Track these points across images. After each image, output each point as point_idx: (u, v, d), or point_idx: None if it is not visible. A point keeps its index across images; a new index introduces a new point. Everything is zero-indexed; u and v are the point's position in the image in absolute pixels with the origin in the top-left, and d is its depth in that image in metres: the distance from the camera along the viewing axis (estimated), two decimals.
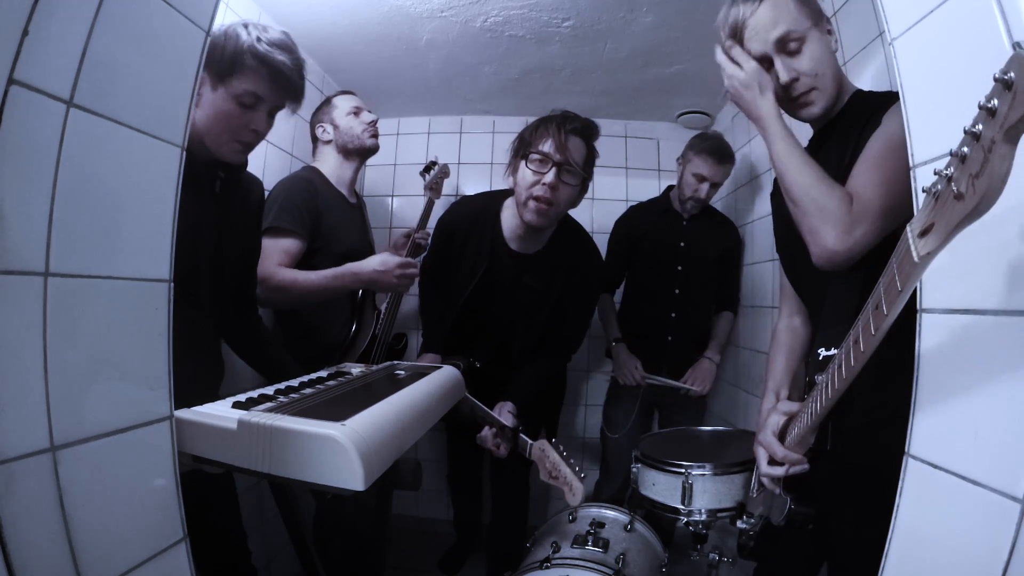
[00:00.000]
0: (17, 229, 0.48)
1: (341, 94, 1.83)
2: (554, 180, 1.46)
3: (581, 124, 1.51)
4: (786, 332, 1.14)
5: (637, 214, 2.16)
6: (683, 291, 2.03)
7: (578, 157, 1.49)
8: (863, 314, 0.57)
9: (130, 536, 0.60)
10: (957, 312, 0.55)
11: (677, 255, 2.03)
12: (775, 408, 0.94)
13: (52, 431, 0.51)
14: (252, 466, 0.73)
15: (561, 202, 1.51)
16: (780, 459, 0.87)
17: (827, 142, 0.97)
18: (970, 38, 0.53)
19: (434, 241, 1.75)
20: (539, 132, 1.50)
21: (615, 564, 1.24)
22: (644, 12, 1.67)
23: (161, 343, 0.64)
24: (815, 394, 0.74)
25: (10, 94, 0.47)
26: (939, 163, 0.58)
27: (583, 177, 1.53)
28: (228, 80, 1.02)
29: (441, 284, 1.74)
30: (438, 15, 1.74)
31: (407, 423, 0.88)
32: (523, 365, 1.67)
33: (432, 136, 2.56)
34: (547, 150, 1.47)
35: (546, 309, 1.64)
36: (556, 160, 1.46)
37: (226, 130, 1.04)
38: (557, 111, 1.54)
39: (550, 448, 1.30)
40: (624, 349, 2.03)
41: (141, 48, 0.60)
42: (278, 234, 1.50)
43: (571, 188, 1.51)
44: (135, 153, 0.61)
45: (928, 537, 0.57)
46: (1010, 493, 0.47)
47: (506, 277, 1.63)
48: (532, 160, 1.49)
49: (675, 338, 2.04)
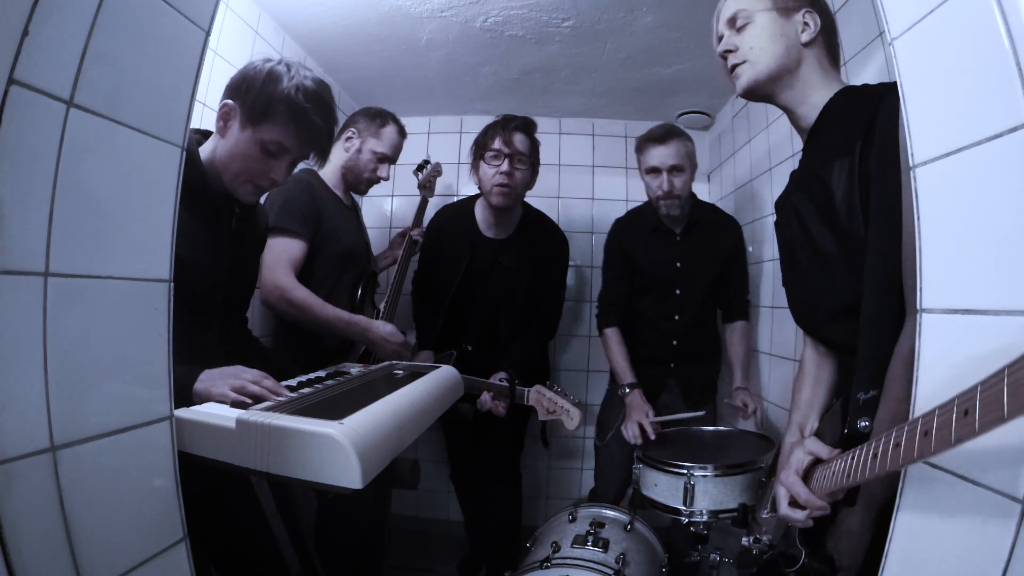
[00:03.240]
0: (17, 229, 0.48)
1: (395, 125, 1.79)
2: (508, 168, 1.77)
3: (521, 121, 1.82)
4: (812, 362, 1.04)
5: (625, 233, 1.94)
6: (683, 316, 1.85)
7: (523, 148, 1.80)
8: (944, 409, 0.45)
9: (130, 536, 0.60)
10: (957, 312, 0.55)
11: (673, 277, 1.84)
12: (801, 444, 0.83)
13: (52, 431, 0.51)
14: (251, 465, 0.74)
15: (519, 184, 1.80)
16: (803, 503, 0.78)
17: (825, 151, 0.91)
18: (970, 38, 0.53)
19: (423, 246, 1.96)
20: (489, 135, 1.81)
21: (615, 564, 1.24)
22: (644, 12, 1.67)
23: (161, 343, 0.64)
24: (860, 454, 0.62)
25: (10, 94, 0.47)
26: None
27: (531, 162, 1.83)
28: (259, 124, 1.01)
29: (432, 283, 1.96)
30: (438, 15, 1.74)
31: (405, 422, 0.88)
32: (509, 342, 1.89)
33: (432, 136, 2.56)
34: (498, 146, 1.78)
35: (523, 285, 1.89)
36: (506, 152, 1.77)
37: (245, 171, 1.04)
38: (499, 116, 1.85)
39: (544, 388, 1.51)
40: (639, 396, 1.73)
41: (141, 48, 0.60)
42: (283, 234, 1.50)
43: (523, 172, 1.81)
44: (135, 153, 0.61)
45: (928, 537, 0.57)
46: (1010, 493, 0.47)
47: (485, 262, 1.89)
48: (488, 158, 1.80)
49: (678, 366, 1.87)
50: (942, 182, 0.58)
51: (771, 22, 0.94)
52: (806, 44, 0.94)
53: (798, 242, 0.98)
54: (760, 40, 0.94)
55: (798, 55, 0.94)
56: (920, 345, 0.59)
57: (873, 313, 0.80)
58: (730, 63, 0.98)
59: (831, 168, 0.88)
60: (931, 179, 0.59)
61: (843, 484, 0.67)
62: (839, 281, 0.88)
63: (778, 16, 0.94)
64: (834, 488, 0.71)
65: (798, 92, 0.95)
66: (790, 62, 0.94)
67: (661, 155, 1.74)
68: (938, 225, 0.59)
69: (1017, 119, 0.48)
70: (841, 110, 0.90)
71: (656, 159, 1.75)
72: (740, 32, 0.96)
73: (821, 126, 0.93)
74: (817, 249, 0.92)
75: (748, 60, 0.95)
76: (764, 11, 0.94)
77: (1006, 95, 0.49)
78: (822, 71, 0.95)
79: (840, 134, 0.88)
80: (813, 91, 0.94)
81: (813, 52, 0.94)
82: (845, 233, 0.86)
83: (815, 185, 0.92)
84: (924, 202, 0.60)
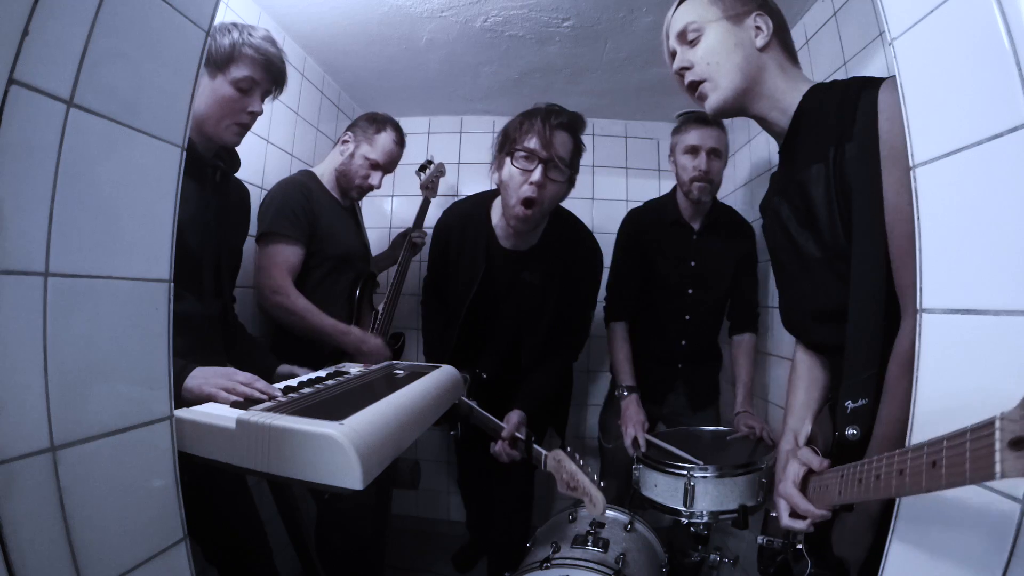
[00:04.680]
0: (17, 229, 0.48)
1: (391, 131, 1.75)
2: (541, 178, 1.40)
3: (568, 118, 1.44)
4: (804, 364, 1.02)
5: (642, 225, 1.83)
6: (694, 316, 1.77)
7: (564, 152, 1.43)
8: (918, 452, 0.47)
9: (130, 536, 0.60)
10: (957, 312, 0.55)
11: (687, 276, 1.76)
12: (795, 454, 0.84)
13: (52, 431, 0.51)
14: (251, 465, 0.73)
15: (547, 199, 1.45)
16: (803, 513, 0.79)
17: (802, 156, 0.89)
18: (970, 38, 0.53)
19: (432, 252, 1.70)
20: (524, 128, 1.42)
21: (615, 564, 1.24)
22: (644, 12, 1.67)
23: (161, 343, 0.64)
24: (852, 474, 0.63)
25: (10, 94, 0.47)
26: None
27: (570, 174, 1.47)
28: (226, 69, 1.14)
29: (443, 293, 1.70)
30: (438, 15, 1.74)
31: (405, 422, 0.88)
32: (531, 368, 1.61)
33: (432, 136, 2.56)
34: (533, 146, 1.40)
35: (549, 304, 1.58)
36: (543, 157, 1.39)
37: (228, 114, 1.15)
38: (542, 105, 1.46)
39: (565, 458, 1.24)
40: (635, 401, 1.67)
41: (141, 48, 0.60)
42: (279, 240, 1.50)
43: (558, 184, 1.45)
44: (135, 153, 0.61)
45: (928, 537, 0.57)
46: (1010, 493, 0.47)
47: (504, 277, 1.57)
48: (518, 157, 1.42)
49: (685, 366, 1.80)
50: (942, 182, 0.58)
51: (724, 32, 0.91)
52: (762, 49, 0.91)
53: (781, 246, 0.97)
54: (716, 54, 0.90)
55: (757, 62, 0.91)
56: (920, 345, 0.60)
57: (860, 322, 0.79)
58: (688, 80, 0.94)
59: (808, 174, 0.86)
60: (931, 179, 0.59)
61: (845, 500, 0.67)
62: (824, 284, 0.87)
63: (730, 25, 0.91)
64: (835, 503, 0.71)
65: (767, 100, 0.92)
66: (751, 71, 0.90)
67: (703, 135, 1.67)
68: (938, 225, 0.59)
69: (1017, 119, 0.48)
70: (814, 111, 0.88)
71: (697, 138, 1.67)
72: (693, 46, 0.93)
73: (796, 130, 0.91)
74: (800, 252, 0.91)
75: (708, 78, 0.92)
76: (714, 22, 0.91)
77: (1006, 95, 0.49)
78: (784, 73, 0.92)
79: (815, 137, 0.86)
80: (781, 95, 0.91)
81: (771, 55, 0.91)
82: (826, 237, 0.85)
83: (793, 190, 0.90)
84: (924, 202, 0.60)
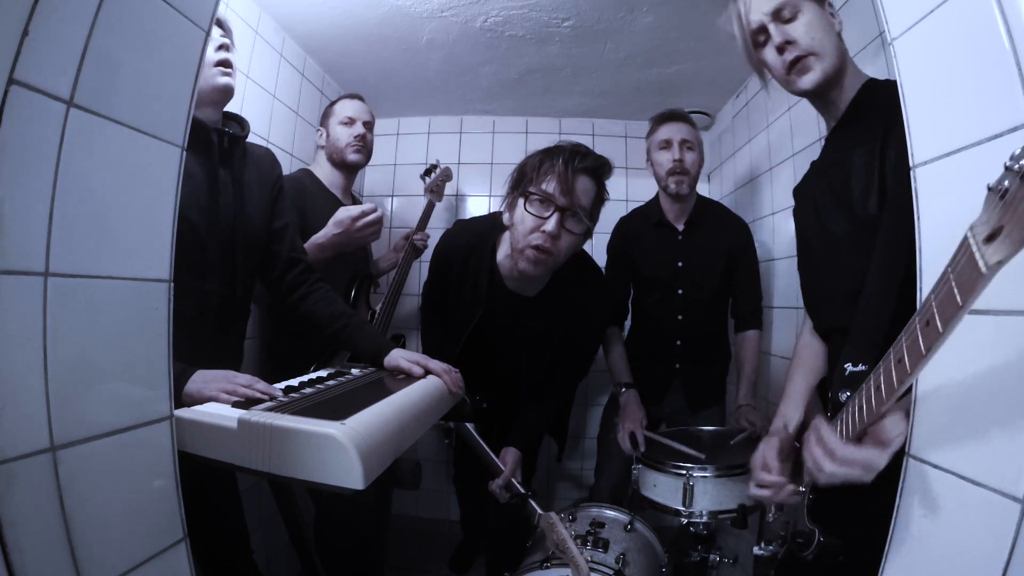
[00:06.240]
0: (17, 229, 0.48)
1: (345, 98, 1.80)
2: (555, 228, 1.25)
3: (593, 162, 1.29)
4: (809, 348, 1.02)
5: (628, 231, 1.88)
6: (687, 315, 1.78)
7: (586, 201, 1.28)
8: (908, 330, 0.50)
9: (130, 536, 0.60)
10: None
11: (675, 277, 1.77)
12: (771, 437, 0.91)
13: (52, 431, 0.51)
14: (252, 465, 0.73)
15: (561, 252, 1.31)
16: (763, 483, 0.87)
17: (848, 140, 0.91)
18: (970, 38, 0.53)
19: (432, 271, 1.60)
20: (544, 168, 1.27)
21: (615, 564, 1.24)
22: (644, 12, 1.67)
23: (161, 343, 0.64)
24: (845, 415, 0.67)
25: (10, 94, 0.47)
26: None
27: (588, 226, 1.33)
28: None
29: (440, 314, 1.62)
30: (438, 15, 1.74)
31: (406, 423, 0.88)
32: (531, 399, 1.57)
33: (432, 136, 2.56)
34: (551, 191, 1.25)
35: (550, 348, 1.51)
36: (560, 204, 1.25)
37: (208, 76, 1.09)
38: (566, 144, 1.31)
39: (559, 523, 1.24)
40: (634, 397, 1.67)
41: (141, 48, 0.60)
42: None
43: (575, 237, 1.31)
44: (135, 153, 0.61)
45: (928, 537, 0.57)
46: (1010, 493, 0.47)
47: (504, 320, 1.47)
48: (532, 201, 1.27)
49: (683, 366, 1.81)
50: (942, 182, 0.58)
51: (818, 11, 0.91)
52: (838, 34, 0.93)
53: (811, 227, 0.99)
54: (818, 30, 0.90)
55: (841, 45, 0.93)
56: None
57: (877, 291, 0.79)
58: (793, 55, 0.90)
59: (852, 153, 0.88)
60: (931, 179, 0.59)
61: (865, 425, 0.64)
62: (848, 264, 0.88)
63: (818, 7, 0.92)
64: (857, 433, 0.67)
65: (843, 85, 0.92)
66: (842, 52, 0.92)
67: (674, 129, 1.72)
68: (938, 225, 0.59)
69: (1017, 119, 0.48)
70: (868, 102, 0.90)
71: (668, 132, 1.72)
72: (788, 23, 0.91)
73: (850, 117, 0.92)
74: (828, 233, 0.93)
75: (816, 52, 0.89)
76: (806, 2, 0.91)
77: (1006, 95, 0.49)
78: (851, 63, 0.94)
79: (866, 124, 0.88)
80: (847, 82, 0.93)
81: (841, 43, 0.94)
82: (857, 214, 0.86)
83: (834, 171, 0.93)
84: (924, 202, 0.60)
